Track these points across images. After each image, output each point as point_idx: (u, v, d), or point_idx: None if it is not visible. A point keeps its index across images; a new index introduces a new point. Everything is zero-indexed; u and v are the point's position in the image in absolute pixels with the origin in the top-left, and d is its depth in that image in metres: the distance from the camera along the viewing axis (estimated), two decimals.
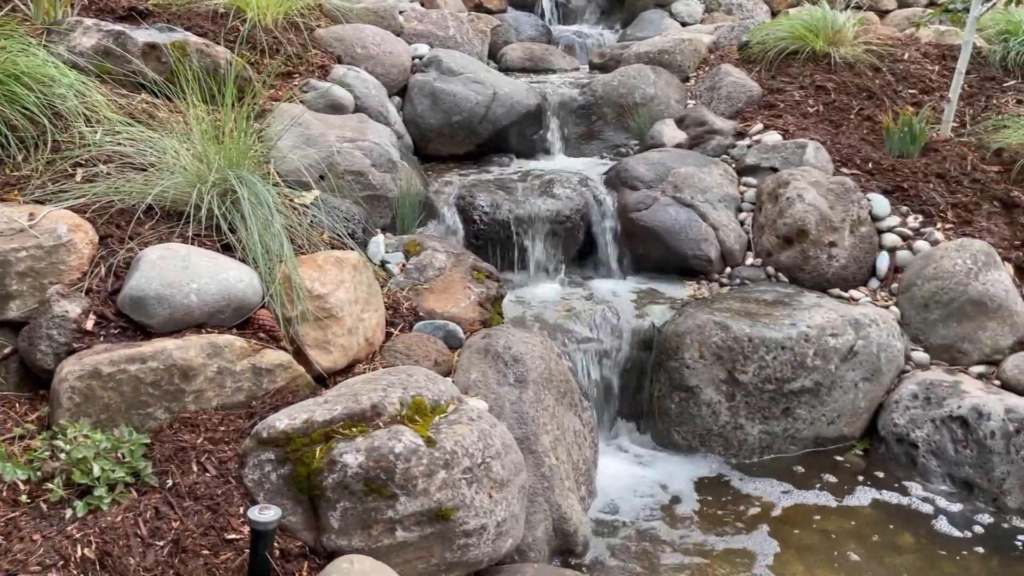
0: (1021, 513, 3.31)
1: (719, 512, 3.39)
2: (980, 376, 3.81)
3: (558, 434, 3.15)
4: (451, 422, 2.54)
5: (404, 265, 3.54)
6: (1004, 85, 5.26)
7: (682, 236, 4.32)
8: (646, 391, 3.91)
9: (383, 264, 3.54)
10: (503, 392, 3.03)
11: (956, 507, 3.42)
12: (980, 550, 3.19)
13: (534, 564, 2.75)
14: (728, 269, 4.39)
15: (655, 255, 4.40)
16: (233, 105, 3.14)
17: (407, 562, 2.37)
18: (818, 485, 3.56)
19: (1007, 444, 3.36)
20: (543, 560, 2.88)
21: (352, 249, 3.16)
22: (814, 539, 3.24)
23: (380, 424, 2.42)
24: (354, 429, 2.38)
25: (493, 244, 4.30)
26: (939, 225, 4.23)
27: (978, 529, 3.30)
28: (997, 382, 3.76)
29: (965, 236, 4.10)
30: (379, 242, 3.60)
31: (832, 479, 3.60)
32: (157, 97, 3.56)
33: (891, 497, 3.49)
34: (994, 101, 5.11)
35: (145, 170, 3.04)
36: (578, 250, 4.49)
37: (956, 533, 3.28)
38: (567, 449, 3.21)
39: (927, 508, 3.42)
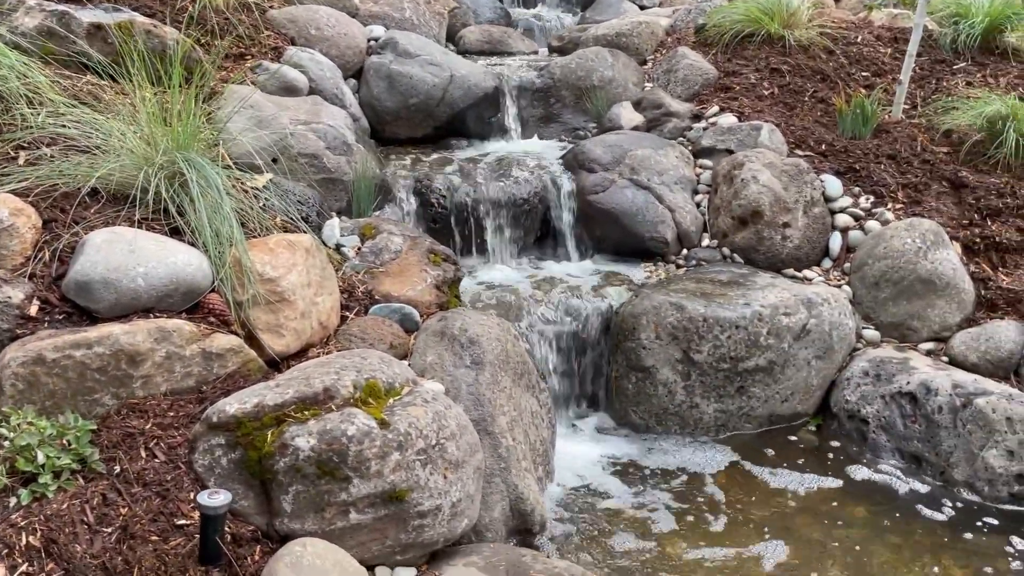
0: (967, 485, 3.40)
1: (674, 489, 3.43)
2: (929, 353, 3.90)
3: (515, 415, 3.16)
4: (405, 404, 2.53)
5: (359, 248, 3.52)
6: (954, 67, 5.36)
7: (639, 218, 4.34)
8: (604, 372, 3.94)
9: (338, 247, 3.51)
10: (459, 374, 3.03)
11: (905, 481, 3.50)
12: (928, 522, 3.27)
13: (491, 544, 2.76)
14: (684, 250, 4.43)
15: (613, 237, 4.41)
16: (181, 86, 3.08)
17: (361, 544, 2.37)
18: (772, 461, 3.61)
19: (954, 418, 3.44)
20: (500, 540, 2.89)
21: (305, 232, 3.12)
22: (769, 515, 3.29)
23: (333, 407, 2.40)
24: (306, 412, 2.36)
25: (451, 227, 4.28)
26: (890, 205, 4.30)
27: (926, 502, 3.38)
28: (945, 358, 3.85)
29: (915, 216, 4.17)
30: (334, 225, 3.57)
31: (786, 456, 3.66)
32: (103, 79, 3.48)
33: (842, 472, 3.56)
34: (944, 83, 5.20)
35: (90, 153, 2.98)
36: (536, 233, 4.50)
37: (905, 506, 3.36)
38: (524, 430, 3.22)
39: (877, 482, 3.50)
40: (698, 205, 4.55)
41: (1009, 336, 3.69)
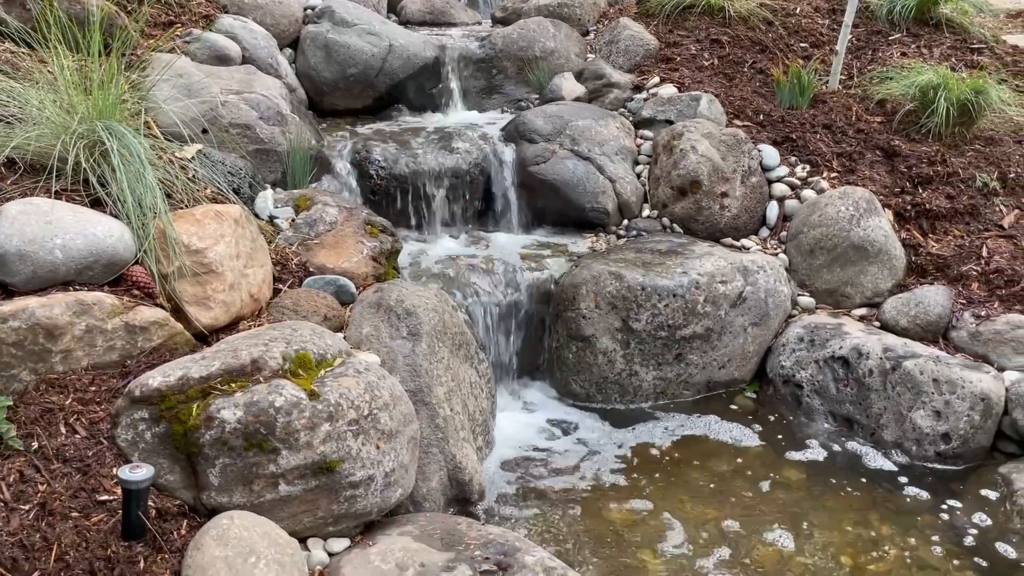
0: (896, 446, 3.49)
1: (613, 456, 3.46)
2: (862, 318, 3.98)
3: (453, 385, 3.15)
4: (337, 375, 2.50)
5: (293, 220, 3.45)
6: (890, 38, 5.44)
7: (580, 189, 4.34)
8: (545, 342, 3.95)
9: (271, 219, 3.44)
10: (396, 345, 3.00)
11: (838, 443, 3.58)
12: (860, 482, 3.35)
13: (427, 513, 2.76)
14: (625, 221, 4.44)
15: (554, 208, 4.41)
16: (102, 54, 2.97)
17: (292, 516, 2.35)
18: (709, 427, 3.67)
19: (884, 381, 3.53)
20: (439, 510, 2.89)
21: (234, 203, 3.05)
22: (705, 479, 3.34)
23: (261, 379, 2.36)
24: (233, 385, 2.32)
25: (391, 199, 4.23)
26: (825, 174, 4.37)
27: (857, 463, 3.47)
28: (877, 323, 3.93)
29: (849, 184, 4.24)
30: (267, 197, 3.50)
31: (723, 421, 3.71)
32: (20, 46, 3.35)
33: (778, 436, 3.63)
34: (880, 54, 5.27)
35: (6, 122, 2.86)
36: (478, 204, 4.47)
37: (837, 467, 3.44)
38: (463, 400, 3.21)
39: (811, 445, 3.57)
40: (639, 176, 4.57)
41: (938, 300, 3.79)
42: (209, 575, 2.05)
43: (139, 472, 2.07)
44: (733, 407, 3.84)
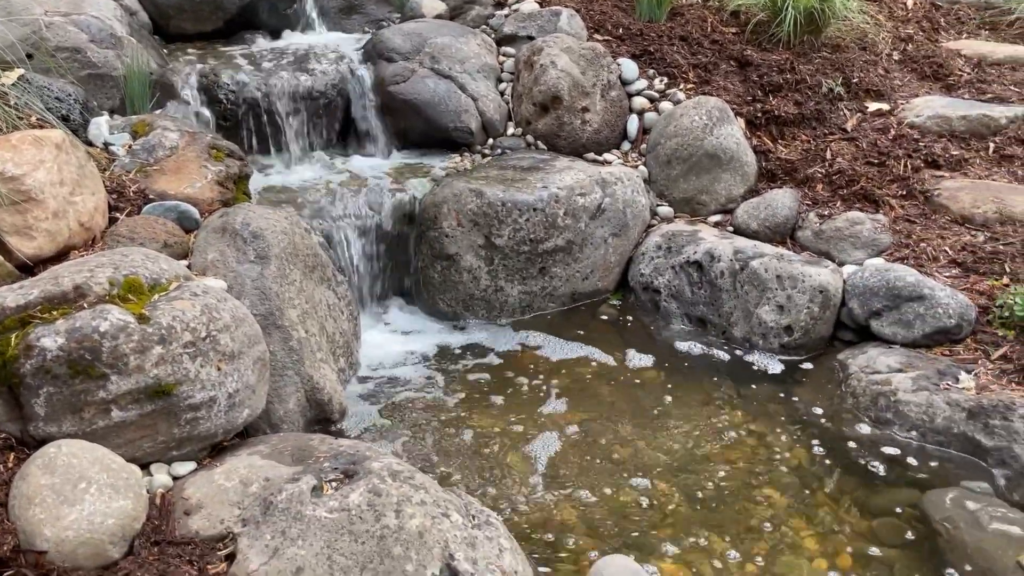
0: (745, 341, 3.66)
1: (480, 370, 3.52)
2: (716, 224, 4.12)
3: (308, 308, 3.12)
4: (171, 299, 2.44)
5: (131, 146, 3.30)
6: None
7: (442, 108, 4.29)
8: (411, 263, 3.94)
9: (107, 146, 3.28)
10: (243, 270, 2.94)
11: (693, 342, 3.73)
12: (712, 379, 3.51)
13: (280, 434, 2.75)
14: (490, 140, 4.42)
15: (417, 129, 4.35)
16: None
17: (131, 442, 2.30)
18: (574, 336, 3.76)
19: (733, 281, 3.68)
20: (299, 430, 2.89)
21: (55, 128, 2.89)
22: (569, 383, 3.44)
23: (85, 305, 2.28)
24: (54, 312, 2.24)
25: (244, 125, 4.09)
26: (682, 86, 4.44)
27: (711, 358, 3.63)
28: (731, 228, 4.08)
29: (704, 95, 4.33)
30: (101, 123, 3.33)
31: (587, 330, 3.81)
32: None
33: (638, 340, 3.75)
34: None
35: None
36: (338, 127, 4.37)
37: (692, 364, 3.60)
38: (320, 323, 3.19)
39: (669, 346, 3.71)
40: (502, 94, 4.54)
41: (785, 203, 3.95)
42: (36, 503, 2.01)
43: None
44: (598, 315, 3.94)
